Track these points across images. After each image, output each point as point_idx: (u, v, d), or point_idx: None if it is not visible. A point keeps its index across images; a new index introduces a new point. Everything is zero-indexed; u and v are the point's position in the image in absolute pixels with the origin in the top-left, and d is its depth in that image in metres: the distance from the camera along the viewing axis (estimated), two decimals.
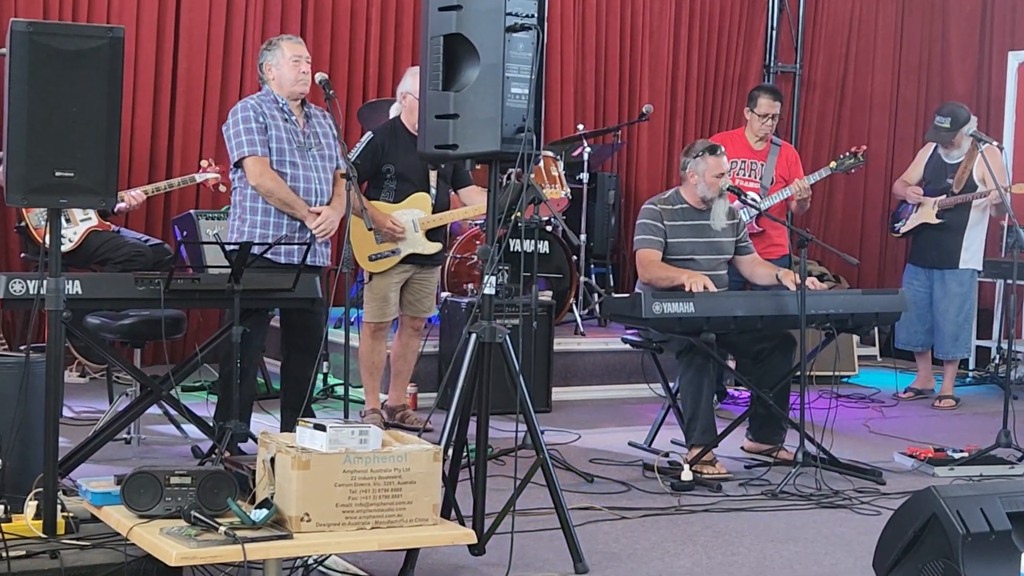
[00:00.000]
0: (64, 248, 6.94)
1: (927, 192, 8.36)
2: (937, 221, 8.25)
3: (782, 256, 7.60)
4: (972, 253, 8.34)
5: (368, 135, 6.80)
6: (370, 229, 6.19)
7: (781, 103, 7.95)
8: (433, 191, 6.82)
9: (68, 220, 7.07)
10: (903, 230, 8.47)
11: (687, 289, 6.08)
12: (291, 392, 6.13)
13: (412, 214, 6.74)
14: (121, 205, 7.14)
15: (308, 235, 5.99)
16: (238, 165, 6.02)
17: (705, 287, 6.11)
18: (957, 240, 8.29)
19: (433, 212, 6.80)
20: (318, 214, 6.02)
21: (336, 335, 7.17)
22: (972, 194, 8.16)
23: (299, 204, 6.00)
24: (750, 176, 7.76)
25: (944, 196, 8.24)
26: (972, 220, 8.29)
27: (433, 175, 6.83)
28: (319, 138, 6.12)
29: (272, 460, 3.90)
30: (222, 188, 7.71)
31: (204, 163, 7.72)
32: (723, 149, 6.54)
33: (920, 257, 8.46)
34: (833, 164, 7.88)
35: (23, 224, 7.15)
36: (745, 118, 7.98)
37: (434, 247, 6.83)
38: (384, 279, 6.76)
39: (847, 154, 7.92)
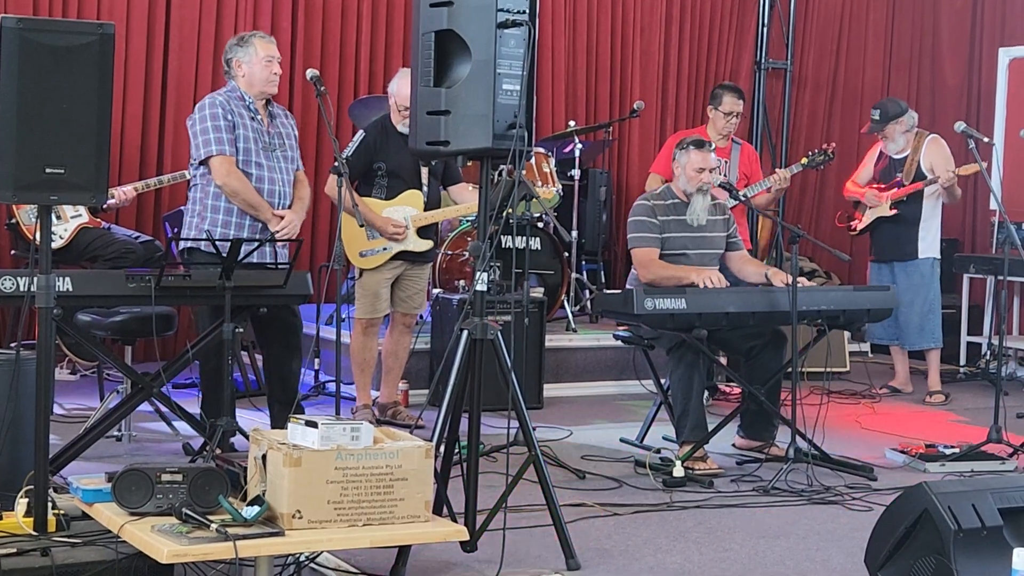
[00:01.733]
0: (55, 245, 6.96)
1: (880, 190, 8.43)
2: (892, 212, 8.28)
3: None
4: (929, 243, 8.36)
5: (361, 133, 6.80)
6: (361, 225, 6.19)
7: (744, 101, 8.06)
8: (425, 188, 6.82)
9: (59, 217, 7.06)
10: (860, 227, 8.50)
11: (700, 286, 6.08)
12: (277, 388, 6.12)
13: (404, 211, 6.74)
14: (111, 201, 7.12)
15: (256, 233, 5.95)
16: (203, 163, 5.95)
17: (718, 281, 6.13)
18: (913, 231, 8.32)
19: (425, 209, 6.80)
20: (282, 217, 5.99)
21: (327, 331, 7.16)
22: (923, 182, 8.18)
23: (264, 207, 5.95)
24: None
25: (895, 189, 8.28)
26: (926, 210, 8.31)
27: (424, 172, 6.82)
28: (283, 139, 6.11)
29: (264, 457, 3.89)
30: None
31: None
32: (712, 146, 6.57)
33: (880, 252, 8.49)
34: (804, 160, 7.90)
35: (13, 221, 7.13)
36: (708, 116, 8.07)
37: (425, 244, 6.83)
38: (375, 275, 6.76)
39: (817, 151, 7.96)
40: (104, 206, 7.09)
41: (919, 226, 8.31)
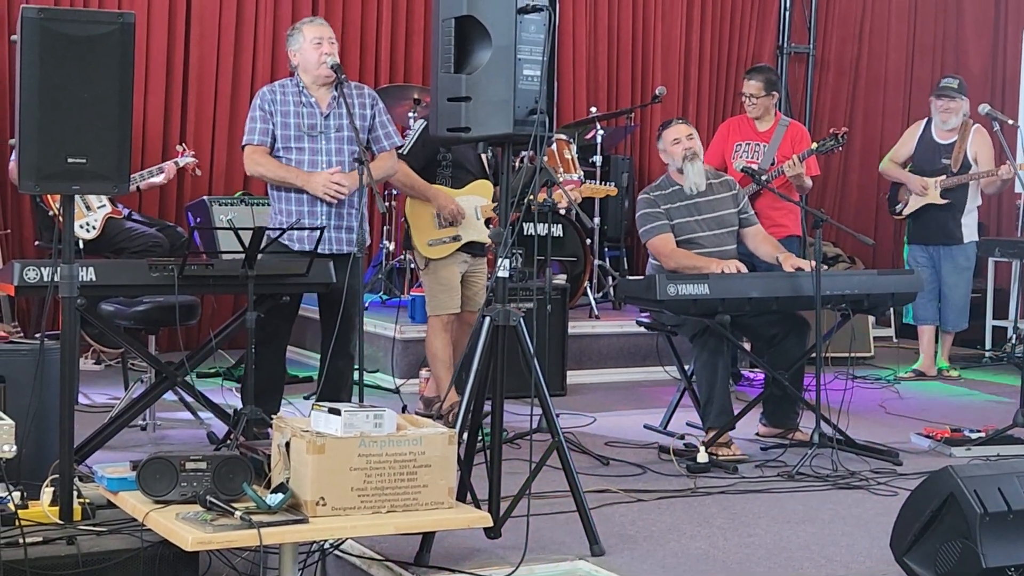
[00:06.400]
0: (88, 236, 7.05)
1: (917, 172, 8.39)
2: (943, 201, 8.30)
3: (787, 236, 7.49)
4: (971, 228, 8.47)
5: (421, 122, 6.65)
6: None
7: (758, 83, 7.85)
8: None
9: (89, 208, 7.13)
10: (906, 212, 8.50)
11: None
12: (326, 385, 5.94)
13: (474, 200, 6.61)
14: (158, 179, 7.54)
15: (318, 222, 5.90)
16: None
17: (739, 270, 6.10)
18: (959, 217, 8.39)
19: (494, 200, 6.70)
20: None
21: None
22: (979, 171, 8.19)
23: (291, 174, 5.88)
24: (752, 158, 7.73)
25: (944, 176, 8.27)
26: (970, 197, 8.39)
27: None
28: (341, 118, 6.00)
29: (287, 445, 3.90)
30: (198, 172, 7.79)
31: (180, 148, 7.80)
32: (682, 120, 6.61)
33: (923, 236, 8.53)
34: (815, 145, 7.80)
35: (51, 213, 7.15)
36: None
37: None
38: (450, 267, 6.58)
39: (828, 136, 7.87)
40: (140, 186, 7.48)
41: (964, 212, 8.37)
